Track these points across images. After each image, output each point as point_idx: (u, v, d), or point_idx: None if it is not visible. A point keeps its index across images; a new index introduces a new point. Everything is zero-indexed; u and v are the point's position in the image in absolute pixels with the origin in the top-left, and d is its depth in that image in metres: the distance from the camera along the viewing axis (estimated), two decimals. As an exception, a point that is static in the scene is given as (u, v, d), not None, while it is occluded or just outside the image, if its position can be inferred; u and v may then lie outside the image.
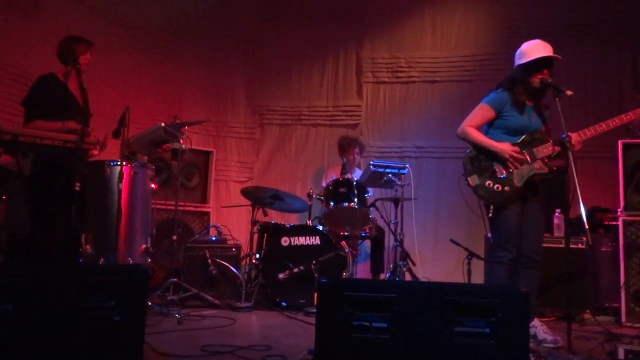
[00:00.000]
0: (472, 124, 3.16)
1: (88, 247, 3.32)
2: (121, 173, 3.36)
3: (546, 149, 3.02)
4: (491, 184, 3.05)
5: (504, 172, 3.04)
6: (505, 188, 3.02)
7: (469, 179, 3.11)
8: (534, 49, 3.02)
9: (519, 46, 3.13)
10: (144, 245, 3.53)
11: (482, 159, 3.10)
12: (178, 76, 6.02)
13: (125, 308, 2.11)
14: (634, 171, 3.84)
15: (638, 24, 5.34)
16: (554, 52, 3.02)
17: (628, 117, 2.98)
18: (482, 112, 3.16)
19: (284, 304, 4.05)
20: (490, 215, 3.06)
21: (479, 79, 5.58)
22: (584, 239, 3.83)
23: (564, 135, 2.87)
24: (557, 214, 4.13)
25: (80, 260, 3.29)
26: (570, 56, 4.82)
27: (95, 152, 3.61)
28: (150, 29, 5.80)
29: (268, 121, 6.27)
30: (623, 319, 3.79)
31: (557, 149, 2.99)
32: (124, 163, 3.43)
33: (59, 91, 3.55)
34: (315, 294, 2.21)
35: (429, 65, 5.89)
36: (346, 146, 5.25)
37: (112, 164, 3.44)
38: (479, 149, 3.12)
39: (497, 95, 3.14)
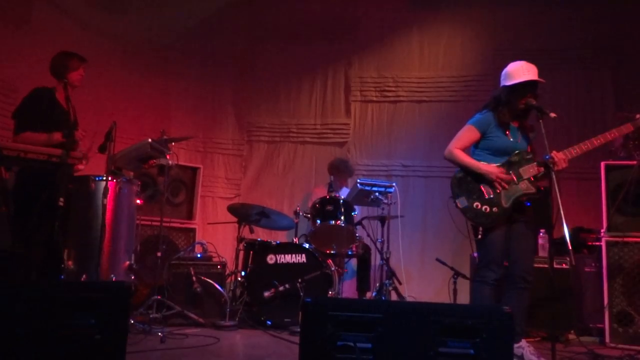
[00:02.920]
0: (458, 146, 3.19)
1: (70, 263, 3.28)
2: (106, 188, 3.33)
3: (532, 169, 3.06)
4: (479, 206, 3.07)
5: (491, 193, 3.07)
6: (494, 209, 3.04)
7: (457, 201, 3.13)
8: (519, 71, 3.07)
9: (504, 68, 3.18)
10: (127, 262, 3.48)
11: (469, 181, 3.12)
12: (167, 92, 6.03)
13: (106, 326, 2.07)
14: (617, 192, 3.89)
15: (619, 48, 5.47)
16: (539, 74, 3.07)
17: (612, 134, 3.03)
18: (467, 133, 3.20)
19: (269, 322, 4.01)
20: (480, 237, 3.07)
21: (465, 100, 5.65)
22: (568, 259, 3.88)
23: (547, 157, 2.91)
24: (541, 234, 4.16)
25: (61, 277, 3.23)
26: (554, 78, 4.91)
27: (81, 166, 3.57)
28: (140, 44, 5.82)
29: (256, 138, 6.27)
30: (607, 339, 3.80)
31: (543, 169, 3.03)
32: (110, 178, 3.40)
33: (50, 105, 3.53)
34: (300, 313, 2.19)
35: (416, 85, 5.96)
36: (342, 170, 5.21)
37: (97, 179, 3.41)
38: (466, 170, 3.15)
39: (481, 116, 3.19)
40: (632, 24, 5.43)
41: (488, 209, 3.05)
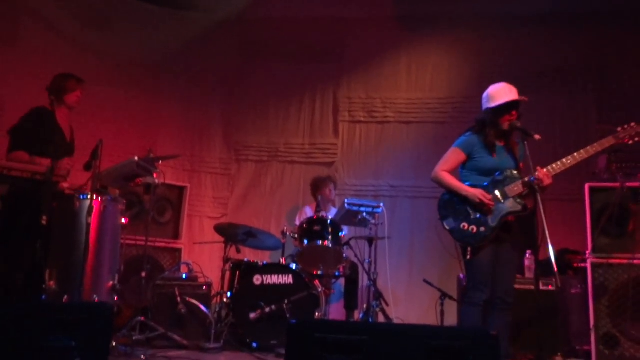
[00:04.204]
0: (445, 168, 3.23)
1: (52, 283, 3.22)
2: (90, 207, 3.30)
3: (517, 187, 3.07)
4: (466, 226, 3.08)
5: (477, 213, 3.08)
6: (481, 229, 3.06)
7: (444, 222, 3.15)
8: (500, 93, 3.12)
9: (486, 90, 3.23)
10: (111, 282, 3.43)
11: (456, 202, 3.14)
12: (154, 110, 6.02)
13: (86, 349, 2.03)
14: (601, 214, 3.93)
15: (601, 70, 5.59)
16: (522, 95, 3.12)
17: (594, 148, 3.07)
18: (453, 155, 3.24)
19: (254, 344, 3.95)
20: (469, 257, 3.08)
21: (453, 121, 5.71)
22: (554, 280, 3.89)
23: (532, 179, 2.94)
24: (527, 255, 4.18)
25: (43, 297, 3.17)
26: (538, 100, 4.98)
27: (66, 185, 3.54)
28: (128, 62, 5.82)
29: (244, 157, 6.26)
30: (594, 362, 3.80)
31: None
32: (94, 197, 3.37)
33: (47, 125, 3.50)
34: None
35: (404, 106, 6.01)
36: (320, 184, 5.23)
37: (81, 197, 3.37)
38: (452, 192, 3.17)
39: (466, 138, 3.22)
40: (614, 46, 5.57)
41: (475, 229, 3.06)
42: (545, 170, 3.00)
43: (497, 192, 3.09)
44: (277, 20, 6.20)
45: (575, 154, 3.06)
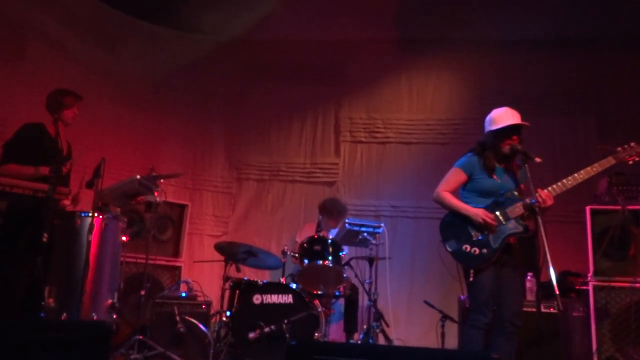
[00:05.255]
0: (446, 189, 3.23)
1: (51, 300, 3.21)
2: (91, 224, 3.31)
3: (518, 209, 3.07)
4: (468, 248, 3.07)
5: (480, 235, 3.08)
6: (483, 250, 3.05)
7: (446, 244, 3.14)
8: (502, 117, 3.14)
9: (489, 112, 3.25)
10: (110, 300, 3.42)
11: (458, 224, 3.14)
12: (157, 129, 6.06)
13: (84, 368, 2.01)
14: (602, 236, 3.92)
15: (603, 93, 5.64)
16: (524, 119, 3.14)
17: (594, 169, 3.06)
18: (454, 176, 3.25)
19: (253, 365, 3.91)
20: (471, 279, 3.06)
21: (453, 142, 5.74)
22: (556, 303, 3.86)
23: (533, 201, 2.94)
24: (529, 277, 4.15)
25: (41, 315, 3.15)
26: (539, 124, 5.02)
27: (67, 202, 3.55)
28: (130, 81, 5.88)
29: (245, 176, 6.28)
30: (596, 386, 3.76)
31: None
32: (96, 214, 3.37)
33: (44, 140, 3.52)
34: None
35: (404, 127, 6.05)
36: (331, 211, 5.07)
37: (83, 215, 3.38)
38: (454, 213, 3.17)
39: (467, 159, 3.24)
40: (612, 70, 5.63)
41: (477, 251, 3.05)
42: (546, 191, 3.00)
43: (498, 214, 3.09)
44: (279, 42, 6.28)
45: (576, 174, 3.06)
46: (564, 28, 5.67)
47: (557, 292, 2.69)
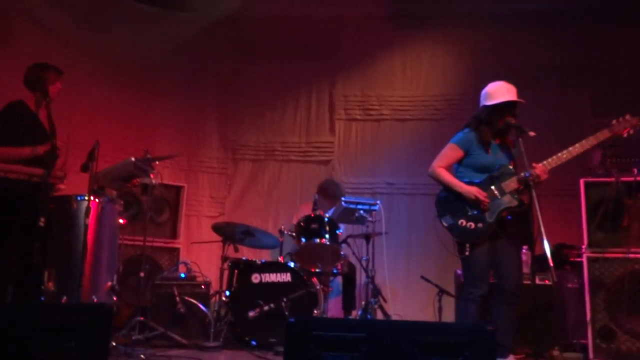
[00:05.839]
0: (441, 165, 3.25)
1: (50, 284, 3.22)
2: (88, 208, 3.30)
3: (513, 183, 3.10)
4: (464, 223, 3.10)
5: (475, 209, 3.10)
6: (479, 225, 3.08)
7: (442, 219, 3.17)
8: (498, 92, 3.13)
9: (484, 87, 3.24)
10: (109, 283, 3.44)
11: (453, 199, 3.17)
12: (150, 110, 6.01)
13: (86, 350, 2.04)
14: (596, 209, 3.95)
15: (596, 65, 5.61)
16: (518, 93, 3.14)
17: (589, 142, 3.08)
18: (450, 152, 3.26)
19: (253, 343, 3.96)
20: (467, 253, 3.09)
21: (448, 118, 5.73)
22: (550, 275, 3.91)
23: (527, 175, 2.95)
24: (524, 250, 4.19)
25: (41, 298, 3.17)
26: (533, 96, 4.98)
27: (62, 186, 3.53)
28: (123, 63, 5.81)
29: (241, 156, 6.27)
30: (591, 355, 3.82)
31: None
32: (92, 198, 3.37)
33: (27, 119, 3.47)
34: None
35: (399, 103, 6.03)
36: (329, 193, 5.01)
37: (79, 198, 3.37)
38: (448, 189, 3.19)
39: (463, 135, 3.24)
40: (607, 43, 5.60)
41: (473, 225, 3.08)
42: (541, 165, 3.02)
43: (493, 188, 3.11)
44: (271, 19, 6.21)
45: (571, 148, 3.07)
46: (559, 1, 5.62)
47: (552, 265, 2.73)
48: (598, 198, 3.96)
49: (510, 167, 3.16)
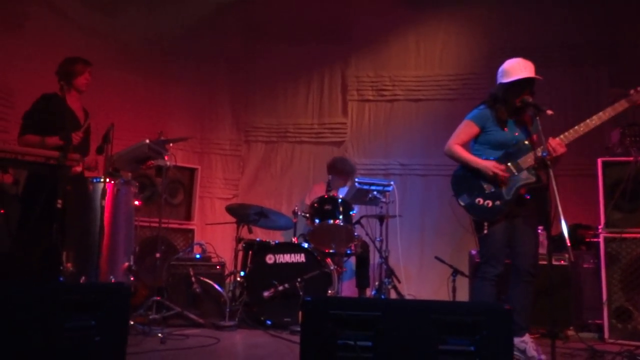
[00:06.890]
0: (457, 142, 3.21)
1: (69, 265, 3.27)
2: (104, 190, 3.33)
3: (530, 159, 3.05)
4: (481, 201, 3.07)
5: (492, 187, 3.07)
6: (496, 202, 3.05)
7: (459, 199, 3.14)
8: (515, 69, 3.07)
9: (500, 66, 3.19)
10: (126, 263, 3.49)
11: (469, 177, 3.13)
12: (163, 93, 6.01)
13: (106, 328, 2.08)
14: (614, 188, 3.90)
15: (614, 43, 5.49)
16: (535, 71, 3.08)
17: (607, 113, 2.99)
18: (466, 128, 3.22)
19: (268, 322, 4.01)
20: (485, 232, 3.07)
21: (462, 98, 5.65)
22: (567, 255, 3.89)
23: (544, 154, 2.91)
24: (540, 230, 4.16)
25: (60, 279, 3.23)
26: (550, 75, 4.91)
27: (78, 168, 3.57)
28: (136, 46, 5.80)
29: (254, 138, 6.27)
30: (606, 335, 3.82)
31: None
32: (107, 180, 3.40)
33: (57, 109, 3.52)
34: (300, 313, 2.20)
35: (412, 83, 5.96)
36: (340, 169, 5.03)
37: (94, 180, 3.41)
38: (465, 166, 3.16)
39: (479, 111, 3.20)
40: (627, 20, 5.45)
41: (491, 203, 3.05)
42: (557, 139, 2.97)
43: (510, 165, 3.07)
44: (282, 1, 6.13)
45: (588, 120, 2.99)
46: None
47: (569, 244, 2.70)
48: (616, 178, 3.92)
49: (527, 142, 3.10)
